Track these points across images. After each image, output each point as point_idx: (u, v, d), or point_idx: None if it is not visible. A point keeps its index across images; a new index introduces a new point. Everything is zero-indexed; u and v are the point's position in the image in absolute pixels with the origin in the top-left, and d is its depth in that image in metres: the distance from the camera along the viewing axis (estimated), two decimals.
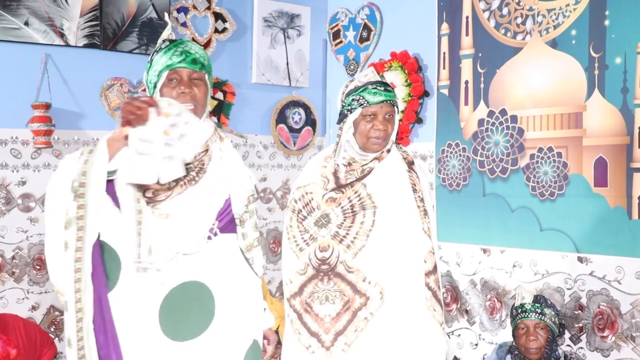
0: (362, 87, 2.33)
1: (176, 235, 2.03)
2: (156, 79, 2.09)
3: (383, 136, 2.33)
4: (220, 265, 2.11)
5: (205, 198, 2.09)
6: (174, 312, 2.03)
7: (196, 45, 2.16)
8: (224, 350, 2.10)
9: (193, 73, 2.09)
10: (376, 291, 2.26)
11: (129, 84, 3.80)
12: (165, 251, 2.01)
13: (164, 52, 2.09)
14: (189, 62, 2.08)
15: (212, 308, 2.08)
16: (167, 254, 2.01)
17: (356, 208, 2.33)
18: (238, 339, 2.15)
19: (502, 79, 3.44)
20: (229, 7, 4.15)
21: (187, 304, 2.05)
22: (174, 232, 2.02)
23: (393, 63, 3.95)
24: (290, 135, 4.42)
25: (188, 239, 2.04)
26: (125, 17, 3.76)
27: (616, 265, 2.97)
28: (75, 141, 3.58)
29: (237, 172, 2.20)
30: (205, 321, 2.08)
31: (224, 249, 2.14)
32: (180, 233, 2.04)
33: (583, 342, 3.08)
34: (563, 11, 3.18)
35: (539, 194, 3.26)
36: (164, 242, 2.01)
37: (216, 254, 2.11)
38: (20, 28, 3.44)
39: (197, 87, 2.09)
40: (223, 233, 2.13)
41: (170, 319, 2.02)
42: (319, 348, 2.29)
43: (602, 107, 3.03)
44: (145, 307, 2.01)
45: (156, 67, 2.09)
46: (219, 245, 2.12)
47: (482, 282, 3.52)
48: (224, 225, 2.13)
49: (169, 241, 2.02)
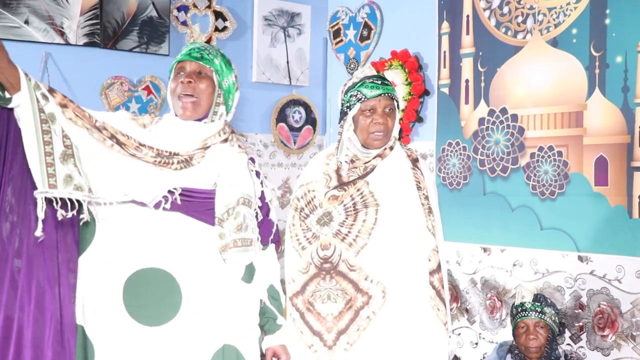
0: (359, 82, 2.33)
1: (123, 177, 2.03)
2: (169, 75, 2.20)
3: (383, 130, 2.32)
4: (191, 258, 2.08)
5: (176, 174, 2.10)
6: (139, 294, 2.02)
7: (213, 48, 2.22)
8: (188, 347, 2.06)
9: (198, 67, 2.14)
10: (378, 290, 2.26)
11: (129, 83, 3.80)
12: (110, 188, 2.01)
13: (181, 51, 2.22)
14: (193, 56, 2.14)
15: (179, 301, 2.05)
16: (112, 191, 2.01)
17: (358, 206, 2.32)
18: (205, 340, 2.08)
19: (502, 77, 3.44)
20: (229, 6, 4.15)
21: (153, 290, 2.04)
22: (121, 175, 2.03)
23: (393, 62, 3.95)
24: (291, 134, 4.42)
25: (138, 185, 2.04)
26: (126, 15, 3.76)
27: (616, 265, 2.97)
28: None
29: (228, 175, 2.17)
30: (170, 312, 2.05)
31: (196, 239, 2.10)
32: (129, 178, 2.04)
33: (583, 341, 3.08)
34: (564, 10, 3.18)
35: (539, 193, 3.26)
36: (107, 179, 2.01)
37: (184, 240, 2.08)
38: (21, 26, 3.44)
39: (201, 81, 2.13)
40: (189, 213, 2.09)
41: (134, 299, 2.02)
42: (321, 347, 2.28)
43: (603, 106, 3.03)
44: (110, 280, 2.01)
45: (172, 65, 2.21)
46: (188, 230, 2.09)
47: (482, 281, 3.52)
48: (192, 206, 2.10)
49: (114, 180, 2.02)
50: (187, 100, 2.13)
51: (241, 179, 2.19)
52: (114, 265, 2.03)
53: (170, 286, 2.05)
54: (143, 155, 2.06)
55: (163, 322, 2.04)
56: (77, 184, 1.95)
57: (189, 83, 2.11)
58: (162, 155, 2.08)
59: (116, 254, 2.03)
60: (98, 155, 2.02)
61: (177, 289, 2.05)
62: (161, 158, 2.08)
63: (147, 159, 2.06)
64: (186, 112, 2.13)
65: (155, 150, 2.08)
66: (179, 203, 2.07)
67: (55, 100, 1.98)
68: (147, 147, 2.07)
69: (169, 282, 2.05)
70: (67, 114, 1.99)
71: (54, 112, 1.96)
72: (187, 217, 2.10)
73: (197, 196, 2.11)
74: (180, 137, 2.13)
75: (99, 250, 2.04)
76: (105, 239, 2.05)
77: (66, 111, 1.99)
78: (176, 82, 2.15)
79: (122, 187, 2.02)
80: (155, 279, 2.04)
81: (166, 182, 2.07)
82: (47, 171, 1.91)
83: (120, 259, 2.03)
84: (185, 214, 2.09)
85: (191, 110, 2.13)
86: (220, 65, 2.18)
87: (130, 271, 2.03)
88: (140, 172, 2.05)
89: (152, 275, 2.04)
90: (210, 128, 2.17)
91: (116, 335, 2.02)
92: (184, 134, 2.14)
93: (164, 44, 3.88)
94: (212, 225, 2.12)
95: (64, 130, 1.97)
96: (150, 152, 2.07)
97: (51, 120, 1.95)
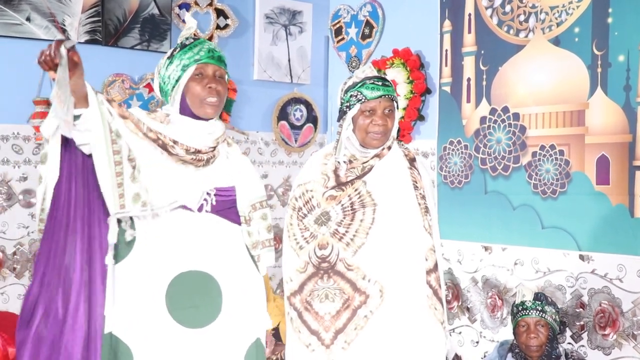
0: (359, 82, 2.32)
1: (173, 183, 2.07)
2: (180, 73, 2.12)
3: (382, 131, 2.32)
4: (226, 257, 2.15)
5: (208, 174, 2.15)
6: (182, 297, 2.06)
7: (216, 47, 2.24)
8: (227, 345, 2.13)
9: (217, 70, 2.16)
10: (376, 289, 2.26)
11: (130, 80, 3.79)
12: (163, 196, 2.04)
13: (189, 48, 2.15)
14: (216, 59, 2.16)
15: (220, 302, 2.12)
16: (164, 199, 2.04)
17: (356, 206, 2.32)
18: (241, 336, 2.17)
19: (504, 76, 3.43)
20: (231, 4, 4.15)
21: (195, 293, 2.08)
22: (171, 181, 2.07)
23: (395, 60, 3.94)
24: (292, 132, 4.42)
25: (185, 189, 2.08)
26: (127, 13, 3.76)
27: (618, 264, 2.97)
28: None
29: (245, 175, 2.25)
30: (213, 313, 2.11)
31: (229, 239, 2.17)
32: (177, 183, 2.08)
33: (584, 340, 3.08)
34: (566, 9, 3.18)
35: (540, 191, 3.26)
36: (160, 188, 2.04)
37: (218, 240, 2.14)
38: (22, 24, 3.44)
39: (221, 84, 2.17)
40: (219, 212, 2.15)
41: (177, 302, 2.05)
42: (319, 346, 2.28)
43: (605, 105, 3.03)
44: (152, 285, 2.04)
45: (180, 62, 2.13)
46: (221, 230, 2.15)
47: (483, 279, 3.51)
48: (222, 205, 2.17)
49: (166, 188, 2.05)
50: (212, 101, 2.14)
51: (256, 181, 2.28)
52: (156, 270, 2.05)
53: (211, 287, 2.10)
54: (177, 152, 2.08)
55: (206, 324, 2.10)
56: (144, 201, 1.99)
57: (216, 89, 2.14)
58: (190, 152, 2.11)
59: (157, 259, 2.05)
60: (152, 164, 2.05)
61: (218, 290, 2.12)
62: (191, 155, 2.11)
63: (184, 157, 2.09)
64: (211, 112, 2.15)
65: (184, 146, 2.10)
66: (213, 204, 2.13)
67: (117, 112, 1.99)
68: (179, 145, 2.09)
69: (210, 283, 2.10)
70: (129, 126, 2.01)
71: (119, 127, 1.98)
72: (218, 217, 2.16)
73: (225, 194, 2.18)
74: (197, 136, 2.14)
75: (139, 257, 2.05)
76: (145, 245, 2.05)
77: (127, 123, 2.01)
78: (200, 84, 2.13)
79: (172, 194, 2.07)
80: (197, 282, 2.08)
81: (202, 183, 2.13)
82: (118, 192, 1.95)
83: (161, 264, 2.06)
84: (215, 213, 2.15)
85: (214, 112, 2.16)
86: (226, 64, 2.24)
87: (172, 275, 2.06)
88: (184, 175, 2.10)
89: (193, 278, 2.08)
90: (220, 127, 2.21)
91: (159, 339, 2.03)
92: (200, 132, 2.15)
93: (165, 41, 3.88)
94: (237, 223, 2.21)
95: (128, 144, 2.00)
96: (182, 150, 2.09)
97: (117, 137, 1.97)
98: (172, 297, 2.05)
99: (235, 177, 2.22)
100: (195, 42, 2.18)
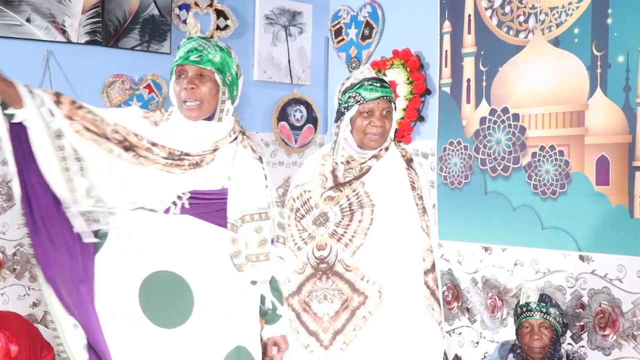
0: (358, 84, 2.33)
1: (134, 185, 2.06)
2: (170, 76, 2.16)
3: (380, 132, 2.32)
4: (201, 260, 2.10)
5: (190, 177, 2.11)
6: (154, 297, 2.05)
7: (210, 43, 2.15)
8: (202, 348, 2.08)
9: (199, 70, 2.10)
10: (374, 290, 2.26)
11: (130, 81, 3.79)
12: (121, 197, 2.05)
13: (179, 48, 2.16)
14: (193, 59, 2.09)
15: (192, 303, 2.07)
16: (122, 200, 2.05)
17: (354, 206, 2.32)
18: (218, 341, 2.10)
19: (504, 77, 3.43)
20: (231, 5, 4.15)
21: (167, 293, 2.06)
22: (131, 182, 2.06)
23: (395, 61, 3.94)
24: (292, 132, 4.42)
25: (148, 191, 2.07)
26: (127, 14, 3.76)
27: (618, 264, 2.97)
28: None
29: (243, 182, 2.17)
30: (184, 314, 2.07)
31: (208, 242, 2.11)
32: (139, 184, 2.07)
33: (584, 341, 3.08)
34: (566, 9, 3.18)
35: (540, 192, 3.26)
36: (118, 188, 2.05)
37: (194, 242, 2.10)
38: (22, 25, 3.44)
39: (203, 84, 2.10)
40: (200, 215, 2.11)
41: (150, 302, 2.05)
42: (317, 347, 2.28)
43: (604, 105, 3.03)
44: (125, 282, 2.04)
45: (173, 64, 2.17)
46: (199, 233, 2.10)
47: (483, 280, 3.51)
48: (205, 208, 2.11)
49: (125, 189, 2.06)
50: (191, 104, 2.11)
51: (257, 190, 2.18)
52: (129, 268, 2.05)
53: (182, 289, 2.07)
54: (154, 157, 2.07)
55: (177, 325, 2.06)
56: (96, 196, 2.01)
57: (192, 89, 2.09)
58: (174, 155, 2.08)
59: (130, 258, 2.05)
60: (106, 166, 2.04)
61: (189, 292, 2.07)
62: (172, 159, 2.08)
63: (158, 160, 2.07)
64: (192, 114, 2.12)
65: (167, 149, 2.08)
66: (187, 207, 2.08)
67: (63, 113, 2.00)
68: (159, 147, 2.08)
69: (181, 284, 2.07)
70: (75, 127, 2.01)
71: (61, 127, 2.00)
72: (197, 220, 2.11)
73: (206, 198, 2.12)
74: (192, 138, 2.12)
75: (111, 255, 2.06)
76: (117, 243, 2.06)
77: (73, 124, 2.01)
78: (179, 86, 2.12)
79: (131, 196, 2.05)
80: (168, 282, 2.06)
81: (174, 187, 2.09)
82: (68, 187, 1.98)
83: (134, 263, 2.05)
84: (195, 216, 2.11)
85: (197, 112, 2.12)
86: (221, 62, 2.13)
87: (144, 274, 2.05)
88: (148, 178, 2.07)
89: (164, 278, 2.06)
90: (222, 129, 2.16)
91: (133, 336, 2.03)
92: (195, 134, 2.13)
93: (165, 42, 3.88)
94: (222, 227, 2.13)
95: (72, 144, 2.01)
96: (162, 152, 2.07)
97: (58, 137, 1.99)
98: (145, 296, 2.05)
99: (231, 182, 2.15)
100: (187, 41, 2.15)
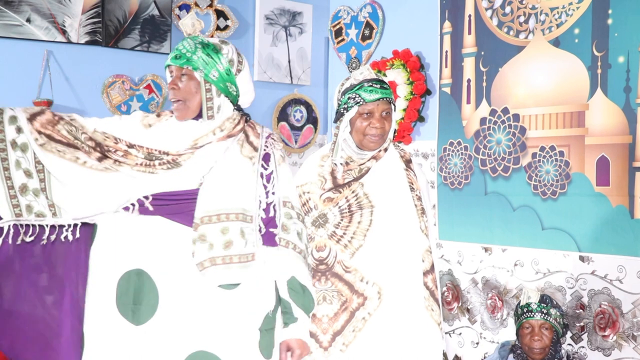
0: (357, 85, 2.32)
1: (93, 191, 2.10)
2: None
3: (380, 134, 2.32)
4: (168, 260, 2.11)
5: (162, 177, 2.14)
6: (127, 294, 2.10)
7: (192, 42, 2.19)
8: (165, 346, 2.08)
9: (180, 69, 2.17)
10: (374, 291, 2.26)
11: (130, 81, 3.80)
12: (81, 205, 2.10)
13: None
14: (173, 58, 2.18)
15: (156, 300, 2.09)
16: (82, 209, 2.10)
17: (353, 208, 2.32)
18: (179, 342, 2.08)
19: (504, 77, 3.43)
20: (231, 5, 4.15)
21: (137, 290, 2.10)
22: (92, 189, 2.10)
23: (395, 61, 3.94)
24: (292, 133, 4.42)
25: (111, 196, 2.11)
26: (127, 14, 3.76)
27: (618, 265, 2.97)
28: None
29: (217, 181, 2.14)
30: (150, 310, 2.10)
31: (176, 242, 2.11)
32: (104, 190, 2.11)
33: (584, 341, 3.08)
34: (566, 10, 3.18)
35: (540, 192, 3.26)
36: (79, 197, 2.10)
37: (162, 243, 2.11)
38: (22, 25, 3.44)
39: (183, 82, 2.17)
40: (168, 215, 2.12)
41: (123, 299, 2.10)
42: (317, 348, 2.28)
43: (605, 106, 3.03)
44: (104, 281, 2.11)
45: None
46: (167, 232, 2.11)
47: (483, 280, 3.51)
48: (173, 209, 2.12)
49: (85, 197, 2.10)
50: (176, 103, 2.19)
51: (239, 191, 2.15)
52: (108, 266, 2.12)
53: (149, 287, 2.11)
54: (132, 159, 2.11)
55: (143, 322, 2.09)
56: (37, 212, 2.08)
57: (173, 89, 2.17)
58: (152, 155, 2.13)
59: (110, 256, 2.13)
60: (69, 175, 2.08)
61: (155, 290, 2.10)
62: (150, 159, 2.12)
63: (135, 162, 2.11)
64: (177, 114, 2.19)
65: (145, 149, 2.13)
66: (151, 209, 2.10)
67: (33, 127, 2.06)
68: (136, 147, 2.13)
69: (148, 283, 2.11)
70: (40, 140, 2.07)
71: (26, 141, 2.06)
72: (167, 220, 2.13)
73: (175, 199, 2.13)
74: (173, 137, 2.17)
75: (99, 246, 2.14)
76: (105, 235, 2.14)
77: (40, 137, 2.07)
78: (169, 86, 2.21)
79: (93, 202, 2.11)
80: (138, 280, 2.11)
81: (138, 189, 2.12)
82: (12, 202, 2.06)
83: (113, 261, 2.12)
84: (165, 216, 2.13)
85: (182, 111, 2.18)
86: (200, 60, 2.15)
87: (121, 272, 2.11)
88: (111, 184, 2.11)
89: (136, 276, 2.11)
90: (203, 127, 2.18)
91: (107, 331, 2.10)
92: (176, 133, 2.18)
93: (165, 42, 3.88)
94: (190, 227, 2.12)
95: (36, 156, 2.07)
96: (140, 153, 2.12)
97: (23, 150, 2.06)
98: (120, 293, 2.10)
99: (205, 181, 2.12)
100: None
